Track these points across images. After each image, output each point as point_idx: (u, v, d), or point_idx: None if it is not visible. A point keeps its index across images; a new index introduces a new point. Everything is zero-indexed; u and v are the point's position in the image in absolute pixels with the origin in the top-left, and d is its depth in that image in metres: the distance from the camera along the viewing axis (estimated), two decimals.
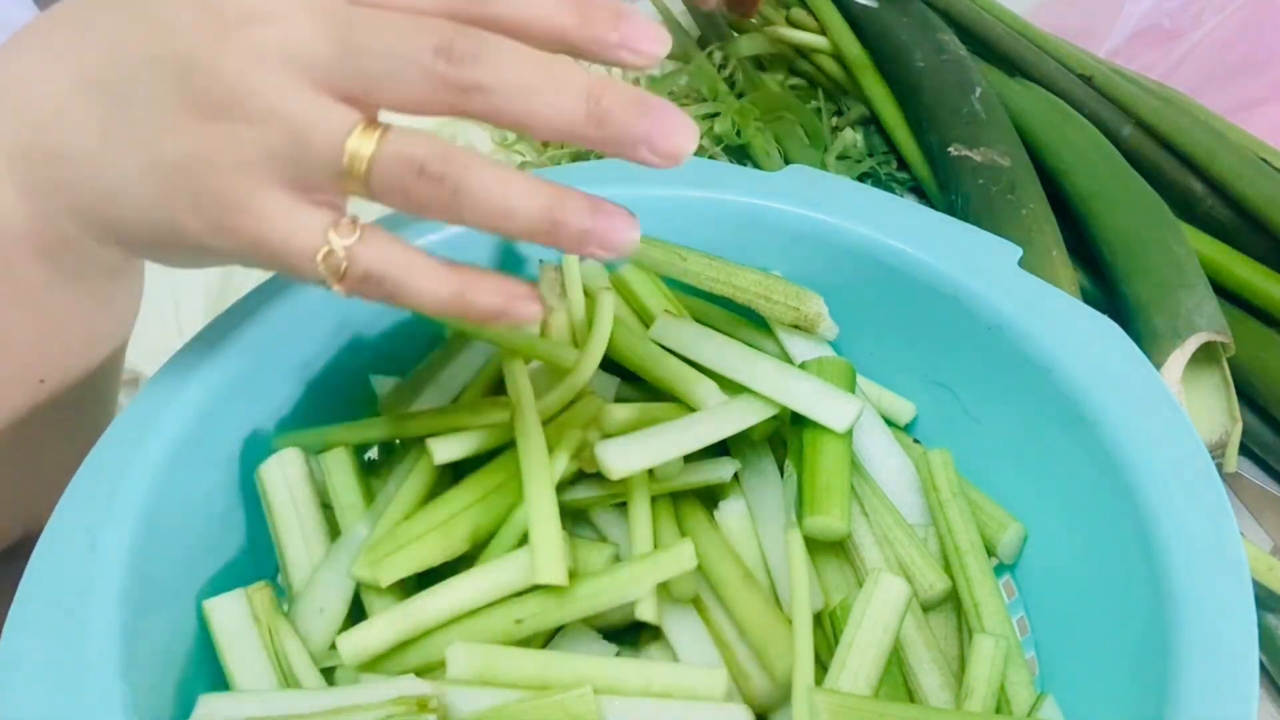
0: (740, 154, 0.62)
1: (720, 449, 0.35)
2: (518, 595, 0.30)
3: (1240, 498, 0.46)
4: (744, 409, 0.34)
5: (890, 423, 0.39)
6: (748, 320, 0.40)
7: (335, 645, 0.30)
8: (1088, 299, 0.49)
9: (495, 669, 0.28)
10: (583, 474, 0.33)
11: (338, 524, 0.34)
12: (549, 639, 0.32)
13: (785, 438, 0.36)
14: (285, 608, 0.32)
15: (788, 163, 0.60)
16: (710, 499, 0.35)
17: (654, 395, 0.36)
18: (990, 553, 0.35)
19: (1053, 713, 0.30)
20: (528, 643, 0.31)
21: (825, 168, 0.61)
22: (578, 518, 0.35)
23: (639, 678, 0.29)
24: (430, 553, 0.31)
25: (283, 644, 0.31)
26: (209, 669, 0.31)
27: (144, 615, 0.27)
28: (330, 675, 0.31)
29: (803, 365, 0.37)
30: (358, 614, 0.32)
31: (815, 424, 0.34)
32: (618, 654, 0.32)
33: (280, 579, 0.34)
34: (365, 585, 0.31)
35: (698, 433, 0.32)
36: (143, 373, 0.47)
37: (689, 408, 0.34)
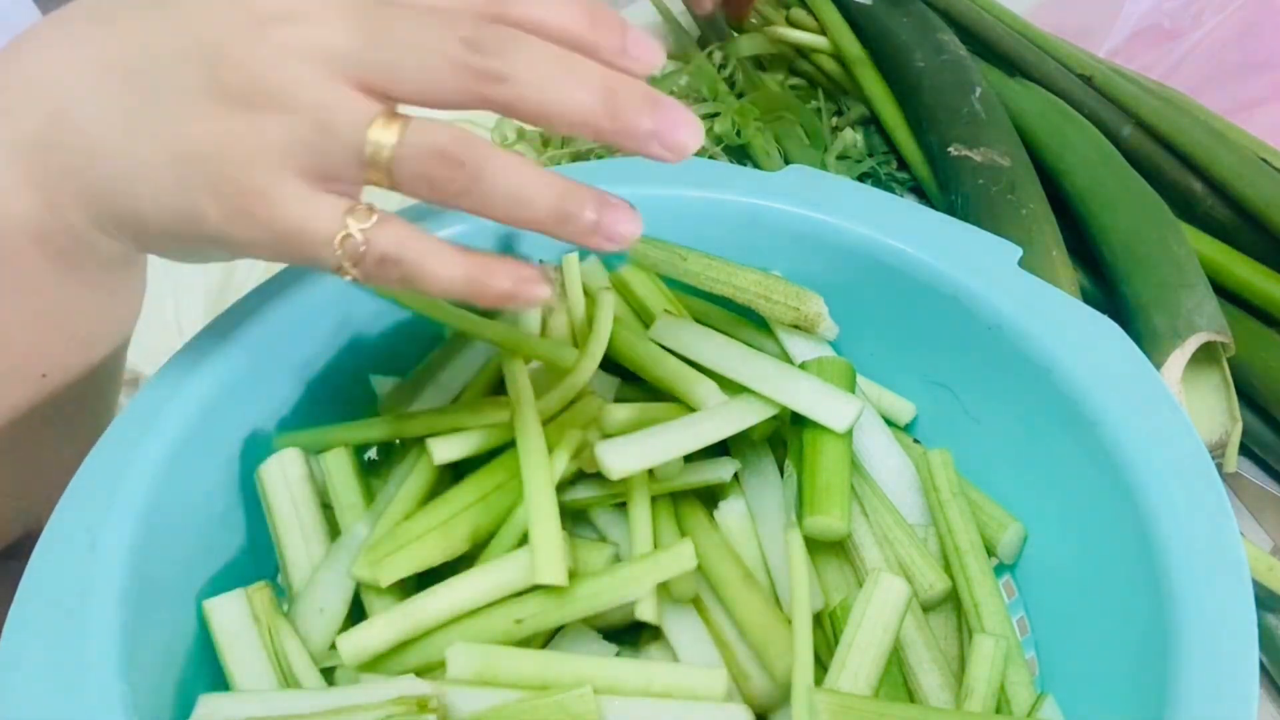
0: (740, 154, 0.62)
1: (720, 449, 0.35)
2: (518, 595, 0.30)
3: (1240, 498, 0.45)
4: (744, 409, 0.34)
5: (890, 423, 0.39)
6: (748, 320, 0.40)
7: (335, 645, 0.30)
8: (1088, 299, 0.49)
9: (495, 669, 0.28)
10: (583, 474, 0.33)
11: (338, 524, 0.34)
12: (549, 639, 0.32)
13: (785, 438, 0.36)
14: (285, 608, 0.32)
15: (788, 163, 0.60)
16: (710, 499, 0.35)
17: (654, 395, 0.36)
18: (990, 553, 0.35)
19: (1053, 713, 0.30)
20: (528, 643, 0.31)
21: (825, 168, 0.61)
22: (578, 518, 0.35)
23: (639, 678, 0.29)
24: (430, 553, 0.31)
25: (283, 644, 0.31)
26: (209, 669, 0.31)
27: (144, 615, 0.27)
28: (330, 675, 0.31)
29: (803, 365, 0.37)
30: (358, 614, 0.32)
31: (815, 424, 0.34)
32: (618, 654, 0.32)
33: (280, 579, 0.34)
34: (365, 585, 0.31)
35: (698, 433, 0.32)
36: (143, 373, 0.47)
37: (689, 408, 0.34)
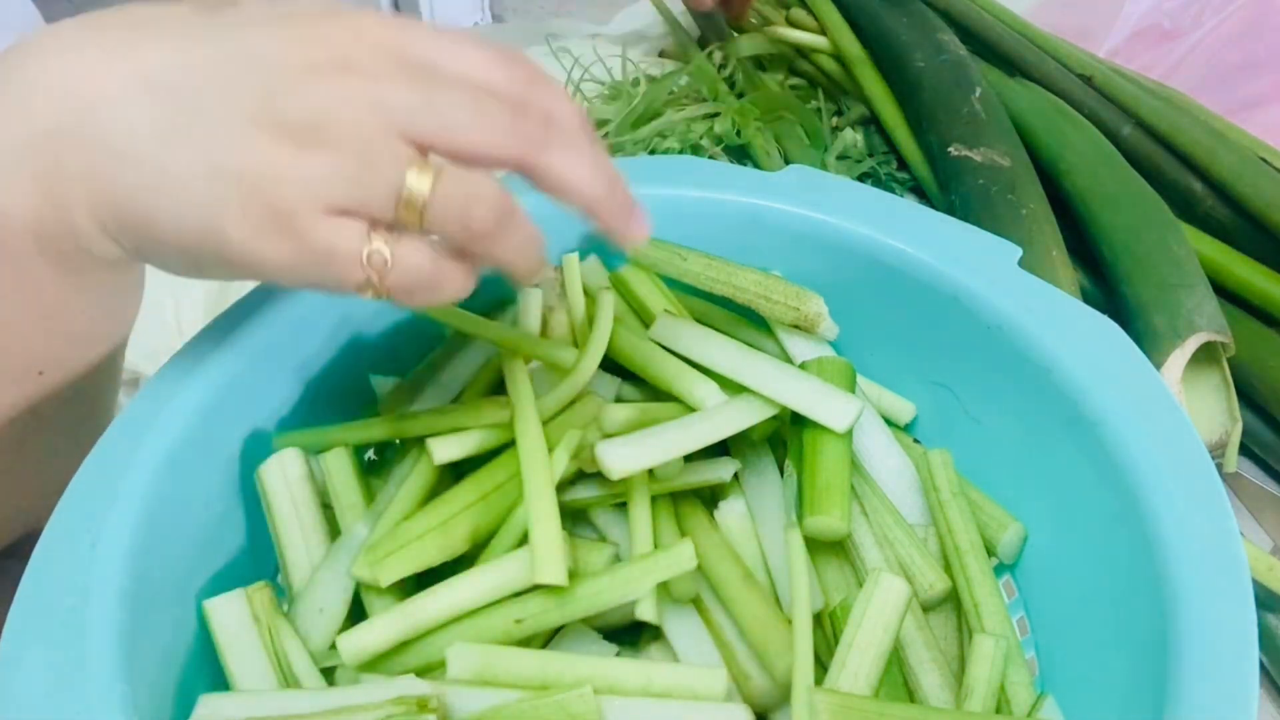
0: (740, 154, 0.62)
1: (720, 449, 0.35)
2: (518, 595, 0.30)
3: (1240, 498, 0.45)
4: (744, 409, 0.34)
5: (890, 423, 0.39)
6: (748, 320, 0.40)
7: (335, 645, 0.30)
8: (1088, 299, 0.49)
9: (495, 669, 0.28)
10: (583, 474, 0.33)
11: (338, 524, 0.34)
12: (549, 639, 0.32)
13: (785, 438, 0.36)
14: (285, 608, 0.32)
15: (788, 163, 0.60)
16: (710, 499, 0.35)
17: (654, 395, 0.36)
18: (990, 553, 0.35)
19: (1053, 713, 0.30)
20: (528, 643, 0.31)
21: (825, 168, 0.61)
22: (578, 518, 0.35)
23: (639, 678, 0.29)
24: (430, 553, 0.31)
25: (283, 644, 0.31)
26: (209, 669, 0.31)
27: (144, 615, 0.27)
28: (330, 675, 0.31)
29: (803, 365, 0.37)
30: (358, 614, 0.32)
31: (815, 424, 0.34)
32: (618, 654, 0.32)
33: (280, 579, 0.34)
34: (365, 585, 0.31)
35: (698, 433, 0.32)
36: (143, 373, 0.46)
37: (689, 408, 0.34)
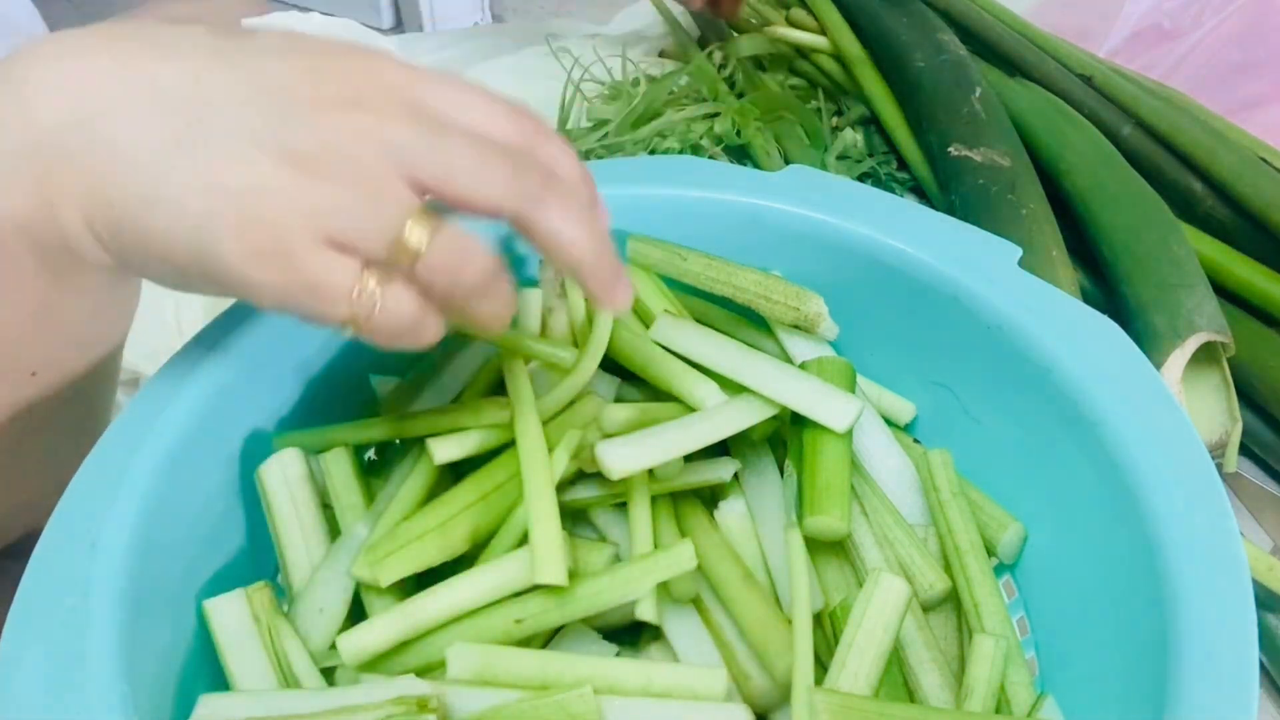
0: (740, 154, 0.62)
1: (720, 449, 0.35)
2: (518, 595, 0.30)
3: (1240, 498, 0.45)
4: (744, 409, 0.34)
5: (890, 423, 0.39)
6: (748, 320, 0.40)
7: (335, 645, 0.30)
8: (1088, 299, 0.49)
9: (495, 669, 0.28)
10: (583, 474, 0.33)
11: (338, 524, 0.34)
12: (549, 639, 0.32)
13: (785, 438, 0.36)
14: (285, 608, 0.32)
15: (788, 163, 0.60)
16: (710, 499, 0.35)
17: (654, 395, 0.36)
18: (990, 553, 0.35)
19: (1053, 713, 0.30)
20: (528, 643, 0.31)
21: (825, 168, 0.61)
22: (578, 518, 0.35)
23: (639, 678, 0.29)
24: (430, 553, 0.31)
25: (283, 644, 0.31)
26: (209, 669, 0.31)
27: (144, 615, 0.27)
28: (330, 675, 0.31)
29: (803, 365, 0.37)
30: (358, 614, 0.32)
31: (815, 424, 0.33)
32: (618, 654, 0.32)
33: (280, 579, 0.34)
34: (365, 585, 0.31)
35: (698, 433, 0.32)
36: (143, 373, 0.46)
37: (689, 408, 0.34)
